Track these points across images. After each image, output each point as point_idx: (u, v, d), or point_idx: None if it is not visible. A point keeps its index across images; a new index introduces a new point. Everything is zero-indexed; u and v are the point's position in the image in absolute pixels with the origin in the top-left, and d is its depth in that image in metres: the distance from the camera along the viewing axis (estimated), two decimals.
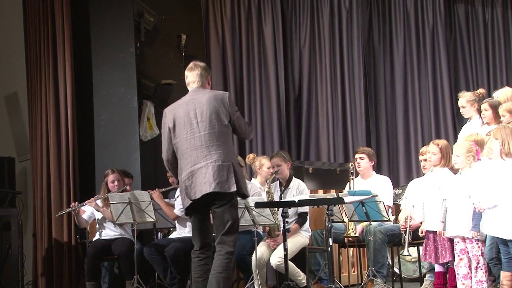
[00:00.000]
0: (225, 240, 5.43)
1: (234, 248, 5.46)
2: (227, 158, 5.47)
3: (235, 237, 5.48)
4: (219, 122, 5.52)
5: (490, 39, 11.02)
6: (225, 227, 5.43)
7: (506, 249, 5.97)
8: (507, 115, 6.84)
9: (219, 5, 10.30)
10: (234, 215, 5.50)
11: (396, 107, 10.76)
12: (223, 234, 5.43)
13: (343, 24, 10.63)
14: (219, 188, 5.39)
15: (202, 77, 5.74)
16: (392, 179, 8.16)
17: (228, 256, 5.40)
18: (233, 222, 5.45)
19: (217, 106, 5.55)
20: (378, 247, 7.18)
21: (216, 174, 5.40)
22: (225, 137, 5.54)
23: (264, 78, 10.35)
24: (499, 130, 6.04)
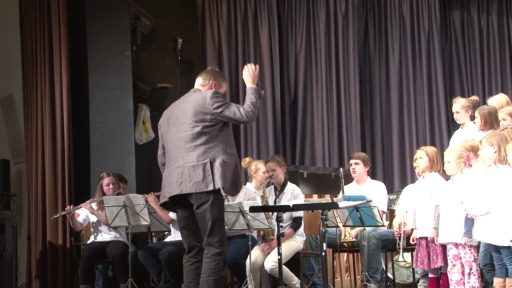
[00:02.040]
0: (210, 241, 5.36)
1: (221, 248, 5.36)
2: (204, 156, 5.38)
3: (219, 237, 5.37)
4: (200, 122, 5.44)
5: (485, 45, 11.06)
6: (207, 228, 5.36)
7: (498, 255, 6.00)
8: (508, 118, 6.87)
9: (215, 9, 10.32)
10: (215, 215, 5.35)
11: (391, 112, 10.79)
12: (207, 235, 5.36)
13: (339, 29, 10.66)
14: (193, 189, 5.34)
15: (205, 79, 5.70)
16: (386, 184, 8.18)
17: (215, 258, 5.32)
18: (213, 221, 5.34)
19: (199, 105, 5.47)
20: (372, 252, 7.20)
21: (190, 175, 5.35)
22: (206, 137, 5.42)
23: (259, 82, 10.35)
24: (494, 137, 6.07)
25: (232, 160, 5.46)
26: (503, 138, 6.06)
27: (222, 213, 5.49)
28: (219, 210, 5.41)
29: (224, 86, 5.79)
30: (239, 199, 7.22)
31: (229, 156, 5.44)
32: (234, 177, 5.45)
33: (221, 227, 5.41)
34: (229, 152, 5.47)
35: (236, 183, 5.47)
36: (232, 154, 5.49)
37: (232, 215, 6.81)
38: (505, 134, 6.14)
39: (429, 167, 6.84)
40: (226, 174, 5.37)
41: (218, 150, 5.42)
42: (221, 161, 5.38)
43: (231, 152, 5.49)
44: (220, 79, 5.75)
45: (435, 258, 6.63)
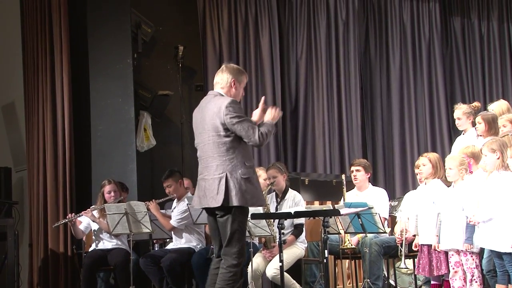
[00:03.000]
0: (226, 252, 5.34)
1: (238, 260, 5.31)
2: (221, 169, 5.35)
3: (237, 248, 5.32)
4: (216, 133, 5.40)
5: (486, 52, 11.08)
6: (226, 238, 5.34)
7: (500, 262, 6.00)
8: (508, 125, 6.88)
9: (216, 16, 10.33)
10: (235, 226, 5.31)
11: (392, 119, 10.79)
12: (225, 245, 5.35)
13: (339, 36, 10.67)
14: (211, 203, 5.36)
15: (222, 80, 5.58)
16: (388, 191, 8.17)
17: (230, 270, 5.29)
18: (232, 232, 5.31)
19: (215, 115, 5.40)
20: (374, 259, 7.19)
21: (208, 189, 5.37)
22: (223, 148, 5.37)
23: (260, 89, 10.37)
24: (495, 143, 6.07)
25: (250, 174, 5.38)
26: (504, 144, 6.06)
27: (243, 225, 5.42)
28: (239, 222, 5.35)
29: (244, 79, 5.64)
30: None
31: (247, 170, 5.37)
32: (253, 190, 5.37)
33: (240, 239, 5.36)
34: (248, 165, 5.39)
35: (256, 196, 5.39)
36: (250, 167, 5.41)
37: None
38: (505, 140, 6.15)
39: (432, 173, 6.85)
40: (245, 190, 5.31)
41: (235, 163, 5.36)
42: (238, 176, 5.32)
43: (249, 165, 5.41)
44: (237, 74, 5.59)
45: (439, 265, 6.62)
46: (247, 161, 5.39)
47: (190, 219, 7.39)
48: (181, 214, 7.56)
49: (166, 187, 7.75)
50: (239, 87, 5.57)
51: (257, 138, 5.32)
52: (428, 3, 10.96)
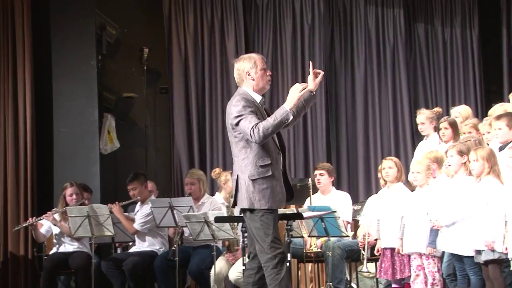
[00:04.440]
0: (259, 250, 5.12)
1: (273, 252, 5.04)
2: (236, 171, 5.20)
3: (268, 243, 5.05)
4: (230, 133, 5.22)
5: (449, 58, 11.18)
6: (253, 238, 5.17)
7: (461, 265, 6.06)
8: (473, 130, 6.95)
9: (182, 19, 10.29)
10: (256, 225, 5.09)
11: (356, 123, 10.84)
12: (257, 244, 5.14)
13: (305, 40, 10.69)
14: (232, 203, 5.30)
15: (236, 74, 5.32)
16: (351, 195, 8.20)
17: (267, 265, 5.07)
18: (257, 231, 5.09)
19: (227, 116, 5.23)
20: (337, 262, 7.21)
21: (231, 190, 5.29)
22: (236, 149, 5.19)
23: (226, 91, 10.35)
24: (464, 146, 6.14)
25: (260, 175, 5.10)
26: (469, 149, 6.14)
27: (265, 221, 5.11)
28: (259, 218, 5.12)
29: (259, 63, 5.27)
30: (204, 210, 7.21)
31: (258, 170, 5.11)
32: (265, 192, 5.11)
33: (268, 232, 5.09)
34: (260, 166, 5.11)
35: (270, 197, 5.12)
36: (263, 166, 5.11)
37: (197, 225, 6.80)
38: (469, 145, 6.22)
39: (396, 177, 6.90)
40: (252, 192, 5.09)
41: (246, 163, 5.13)
42: (247, 178, 5.11)
43: (262, 165, 5.11)
44: (248, 63, 5.27)
45: (402, 268, 6.67)
46: (259, 161, 5.11)
47: (154, 222, 7.35)
48: (144, 217, 7.51)
49: (130, 190, 7.70)
50: (256, 72, 5.25)
51: (253, 133, 5.05)
52: (392, 9, 11.04)
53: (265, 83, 5.32)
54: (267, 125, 5.05)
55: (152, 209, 7.28)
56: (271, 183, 5.14)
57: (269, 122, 5.07)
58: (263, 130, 5.03)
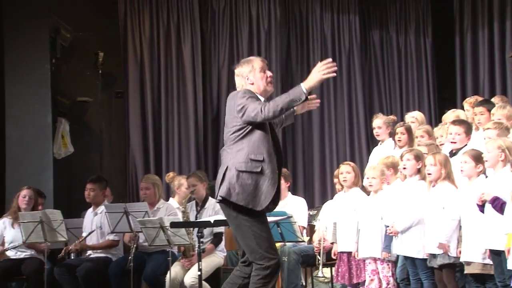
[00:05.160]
0: (252, 258, 4.92)
1: (267, 262, 4.84)
2: (226, 163, 4.94)
3: (259, 252, 4.84)
4: (229, 128, 5.02)
5: (403, 64, 11.33)
6: (243, 246, 4.98)
7: (414, 270, 6.13)
8: (426, 136, 7.04)
9: (137, 23, 10.23)
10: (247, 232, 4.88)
11: (312, 128, 10.90)
12: (248, 253, 4.95)
13: (261, 46, 10.73)
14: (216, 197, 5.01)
15: (237, 81, 5.17)
16: (307, 200, 8.24)
17: (258, 273, 4.88)
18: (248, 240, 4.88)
19: (229, 110, 5.04)
20: (292, 267, 7.22)
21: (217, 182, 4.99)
22: (232, 142, 4.98)
23: (182, 97, 10.33)
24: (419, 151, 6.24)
25: (249, 168, 4.88)
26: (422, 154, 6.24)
27: (255, 229, 4.88)
28: (249, 227, 4.90)
29: (257, 65, 5.11)
30: (159, 215, 7.16)
31: (247, 164, 4.89)
32: (248, 187, 4.88)
33: (260, 242, 4.87)
34: (251, 159, 4.90)
35: (246, 193, 4.87)
36: (255, 160, 4.90)
37: (153, 231, 6.75)
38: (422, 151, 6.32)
39: (353, 182, 6.95)
40: (234, 183, 4.87)
41: (239, 155, 4.92)
42: (234, 169, 4.89)
43: (255, 159, 4.90)
44: (246, 66, 5.12)
45: (358, 272, 6.72)
46: (252, 155, 4.91)
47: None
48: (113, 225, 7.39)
49: (88, 189, 7.60)
50: (254, 76, 5.09)
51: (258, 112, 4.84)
52: (348, 16, 11.14)
53: (265, 85, 5.14)
54: (278, 101, 4.86)
55: (107, 214, 7.20)
56: (257, 180, 4.91)
57: (281, 98, 4.88)
58: (273, 106, 4.84)
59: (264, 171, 4.92)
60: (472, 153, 5.72)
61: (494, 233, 5.38)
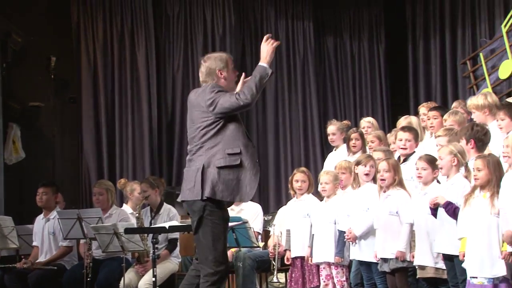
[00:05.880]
0: (202, 259, 4.93)
1: (216, 268, 4.85)
2: (200, 160, 4.93)
3: (214, 256, 4.87)
4: (200, 123, 4.98)
5: (357, 71, 11.46)
6: (201, 246, 4.94)
7: (368, 274, 6.17)
8: (376, 141, 7.11)
9: (90, 28, 10.14)
10: (208, 230, 4.88)
11: (267, 134, 10.93)
12: (200, 253, 4.95)
13: (216, 51, 10.68)
14: (185, 196, 4.98)
15: (203, 74, 5.14)
16: (262, 205, 8.23)
17: (207, 279, 4.87)
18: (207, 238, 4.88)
19: (199, 105, 5.01)
20: (247, 273, 7.22)
21: (186, 180, 4.98)
22: (205, 138, 4.95)
23: (136, 102, 10.26)
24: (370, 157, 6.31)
25: (227, 162, 4.89)
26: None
27: (217, 232, 4.92)
28: (212, 228, 4.90)
29: (230, 63, 5.17)
30: (112, 221, 7.10)
31: (225, 159, 4.89)
32: (230, 183, 4.89)
33: (216, 244, 4.90)
34: (228, 154, 4.90)
35: (230, 188, 4.89)
36: (232, 155, 4.90)
37: (106, 237, 6.68)
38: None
39: (307, 188, 6.99)
40: (218, 181, 4.87)
41: (214, 152, 4.92)
42: (213, 166, 4.88)
43: (232, 153, 4.91)
44: (220, 62, 5.15)
45: (311, 277, 6.74)
46: (229, 149, 4.92)
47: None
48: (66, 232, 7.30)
49: (40, 194, 7.50)
50: (228, 72, 5.13)
51: (236, 101, 4.87)
52: (302, 22, 11.21)
53: (233, 84, 5.23)
54: (249, 84, 4.95)
55: (59, 220, 7.11)
56: (239, 174, 4.92)
57: (251, 82, 4.98)
58: (248, 90, 4.91)
59: (243, 163, 4.94)
60: (428, 159, 5.79)
61: (447, 238, 5.46)
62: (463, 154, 5.55)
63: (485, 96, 6.43)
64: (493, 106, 6.33)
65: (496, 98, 6.66)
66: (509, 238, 4.98)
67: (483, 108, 6.33)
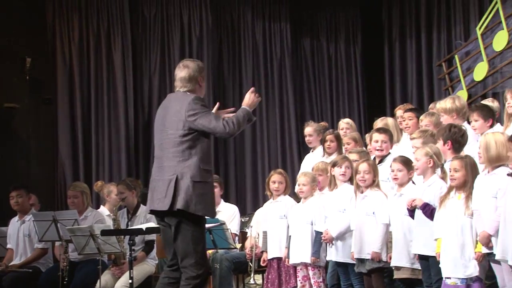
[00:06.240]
0: (184, 264, 5.00)
1: (199, 271, 4.96)
2: (173, 170, 4.99)
3: (196, 259, 4.97)
4: (175, 131, 5.04)
5: (334, 72, 11.50)
6: (180, 251, 5.01)
7: (346, 275, 6.19)
8: (352, 143, 7.13)
9: (66, 28, 10.07)
10: (188, 235, 4.97)
11: (244, 135, 10.92)
12: (182, 257, 5.01)
13: (193, 52, 10.69)
14: (156, 205, 5.03)
15: (184, 80, 5.22)
16: (239, 207, 8.24)
17: (189, 282, 4.96)
18: (187, 242, 4.97)
19: (177, 113, 5.06)
20: (224, 274, 7.21)
21: (157, 190, 5.03)
22: (179, 148, 5.01)
23: (113, 103, 10.20)
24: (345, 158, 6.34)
25: (203, 178, 5.02)
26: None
27: (197, 235, 5.04)
28: (192, 231, 5.01)
29: (204, 71, 5.33)
30: (88, 223, 7.07)
31: (201, 174, 5.01)
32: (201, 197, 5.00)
33: (197, 248, 5.01)
34: (203, 169, 5.02)
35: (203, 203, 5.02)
36: (206, 171, 5.05)
37: (82, 239, 6.64)
38: None
39: (284, 189, 6.99)
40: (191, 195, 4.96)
41: (189, 164, 5.00)
42: (188, 180, 4.97)
43: (205, 169, 5.05)
44: (200, 69, 5.27)
45: (287, 278, 6.75)
46: (203, 164, 5.02)
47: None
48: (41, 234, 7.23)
49: (14, 197, 7.46)
50: (203, 81, 5.26)
51: (222, 126, 4.98)
52: (279, 23, 11.23)
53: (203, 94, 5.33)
54: (239, 118, 5.07)
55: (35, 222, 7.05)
56: (209, 190, 5.13)
57: (239, 116, 5.08)
58: (236, 122, 5.03)
59: (211, 180, 5.16)
60: (403, 160, 5.84)
61: (423, 239, 5.49)
62: (439, 156, 5.59)
63: (453, 100, 6.44)
64: (460, 109, 6.34)
65: (465, 102, 6.66)
66: (484, 239, 5.03)
67: (451, 112, 6.34)
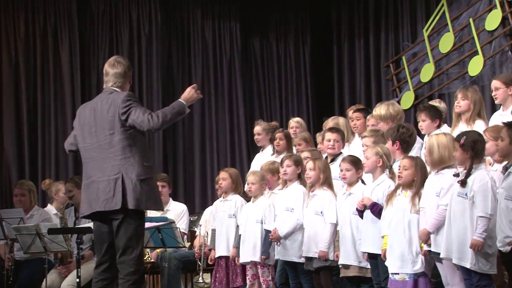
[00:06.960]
0: (123, 259, 4.95)
1: (137, 266, 4.95)
2: (116, 170, 4.96)
3: (135, 255, 4.95)
4: (111, 131, 5.00)
5: (283, 72, 11.55)
6: (122, 245, 4.96)
7: (294, 274, 6.23)
8: (303, 143, 7.19)
9: (12, 25, 9.89)
10: (130, 231, 4.95)
11: (193, 134, 10.90)
12: (121, 253, 4.96)
13: (142, 50, 10.62)
14: (103, 206, 4.97)
15: (119, 76, 5.17)
16: (188, 205, 8.23)
17: (128, 278, 4.91)
18: (128, 239, 4.94)
19: (111, 112, 5.00)
20: (173, 273, 7.20)
21: (102, 191, 4.97)
22: (118, 147, 4.97)
23: (59, 100, 10.06)
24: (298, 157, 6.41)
25: (147, 175, 5.03)
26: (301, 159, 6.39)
27: (140, 230, 5.07)
28: (136, 226, 5.01)
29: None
30: (34, 221, 6.98)
31: (145, 170, 5.01)
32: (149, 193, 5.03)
33: (138, 244, 5.00)
34: (146, 166, 5.02)
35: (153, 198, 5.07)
36: (148, 167, 5.05)
37: (28, 238, 6.55)
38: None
39: (232, 188, 6.99)
40: (140, 192, 4.96)
41: (132, 162, 4.98)
42: (134, 177, 4.96)
43: (148, 165, 5.05)
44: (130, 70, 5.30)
45: (234, 277, 6.76)
46: (145, 161, 5.02)
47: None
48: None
49: None
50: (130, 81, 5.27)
51: (147, 120, 4.91)
52: (229, 23, 11.23)
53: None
54: (166, 111, 5.00)
55: None
56: (154, 184, 5.20)
57: (168, 110, 5.03)
58: (162, 116, 4.95)
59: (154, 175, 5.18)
60: (351, 159, 5.91)
61: (371, 237, 5.57)
62: (388, 156, 5.68)
63: (387, 107, 6.50)
64: (395, 116, 6.40)
65: (400, 108, 6.69)
66: (423, 236, 5.16)
67: (386, 119, 6.42)
